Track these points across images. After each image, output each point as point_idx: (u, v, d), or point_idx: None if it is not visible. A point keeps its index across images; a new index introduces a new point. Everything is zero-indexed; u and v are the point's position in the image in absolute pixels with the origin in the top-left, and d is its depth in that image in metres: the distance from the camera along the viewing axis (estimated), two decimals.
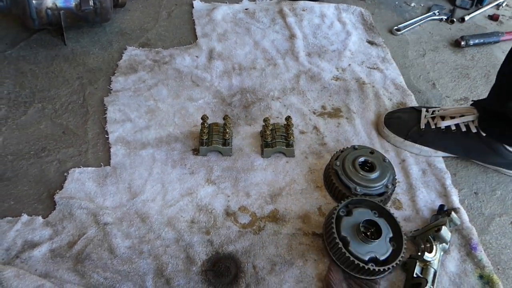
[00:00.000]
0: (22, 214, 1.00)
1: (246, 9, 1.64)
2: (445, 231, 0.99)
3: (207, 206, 1.06)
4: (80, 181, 1.07)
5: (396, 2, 1.82)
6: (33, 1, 1.26)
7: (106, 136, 1.18)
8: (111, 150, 1.15)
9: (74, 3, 1.32)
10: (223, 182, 1.11)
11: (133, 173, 1.10)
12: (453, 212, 1.03)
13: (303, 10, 1.66)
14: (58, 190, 1.05)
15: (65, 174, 1.09)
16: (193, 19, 1.58)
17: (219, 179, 1.11)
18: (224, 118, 1.18)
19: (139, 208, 1.03)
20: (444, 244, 1.00)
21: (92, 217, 1.01)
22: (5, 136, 1.16)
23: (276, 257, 0.99)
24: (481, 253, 1.04)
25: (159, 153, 1.15)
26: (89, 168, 1.11)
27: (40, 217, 1.00)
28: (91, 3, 1.33)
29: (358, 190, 1.05)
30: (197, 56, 1.43)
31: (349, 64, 1.48)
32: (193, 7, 1.63)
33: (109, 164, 1.12)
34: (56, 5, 1.30)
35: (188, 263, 0.96)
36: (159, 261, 0.95)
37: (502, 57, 1.62)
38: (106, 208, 1.03)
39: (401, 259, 0.94)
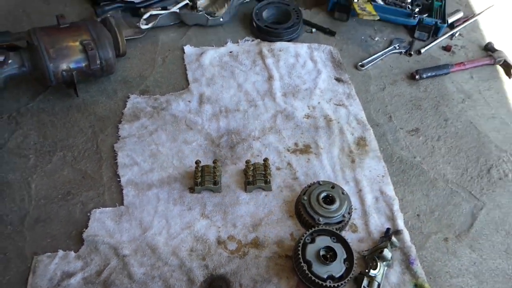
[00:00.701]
0: (58, 250, 1.28)
1: (230, 52, 1.89)
2: (387, 253, 1.28)
3: (203, 237, 1.34)
4: (101, 220, 1.35)
5: (362, 37, 2.07)
6: (50, 66, 1.50)
7: (118, 179, 1.45)
8: (123, 191, 1.42)
9: (84, 64, 1.57)
10: (215, 216, 1.39)
11: (143, 211, 1.38)
12: (393, 237, 1.33)
13: (280, 51, 1.91)
14: (84, 229, 1.33)
15: (88, 214, 1.37)
16: (185, 64, 1.83)
17: (212, 213, 1.39)
18: (214, 162, 1.45)
19: (149, 241, 1.32)
20: (387, 261, 1.30)
21: (113, 250, 1.29)
22: (36, 183, 1.43)
23: (257, 276, 1.28)
24: (417, 266, 1.34)
25: (162, 192, 1.43)
26: (107, 208, 1.38)
27: (72, 252, 1.28)
28: (98, 62, 1.58)
29: (321, 220, 1.34)
30: (189, 101, 1.69)
31: (319, 102, 1.75)
32: (184, 52, 1.88)
33: (122, 204, 1.40)
34: (69, 67, 1.54)
35: (190, 284, 1.25)
36: (168, 283, 1.24)
37: (451, 87, 1.90)
38: (123, 242, 1.31)
39: (351, 275, 1.24)
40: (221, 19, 1.98)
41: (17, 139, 1.53)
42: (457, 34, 2.15)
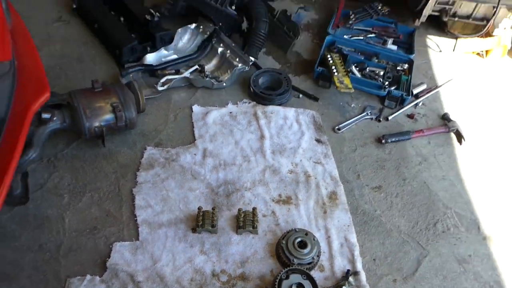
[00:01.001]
0: (87, 274, 1.62)
1: (230, 112, 2.28)
2: None
3: (201, 270, 1.69)
4: (120, 252, 1.69)
5: (341, 103, 2.48)
6: (86, 124, 1.88)
7: (135, 219, 1.80)
8: (139, 229, 1.77)
9: (112, 122, 1.94)
10: (211, 253, 1.74)
11: (154, 246, 1.73)
12: (350, 277, 1.69)
13: (272, 113, 2.30)
14: (107, 258, 1.67)
15: (110, 246, 1.71)
16: (192, 122, 2.21)
17: (209, 251, 1.75)
18: (212, 209, 1.81)
19: (158, 271, 1.66)
20: None
21: (130, 277, 1.63)
22: (69, 218, 1.78)
23: None
24: None
25: (170, 231, 1.78)
26: (126, 242, 1.73)
27: (97, 277, 1.62)
28: (123, 120, 1.96)
29: (295, 261, 1.70)
30: (195, 154, 2.07)
31: (301, 160, 2.13)
32: (192, 111, 2.26)
33: (138, 239, 1.74)
34: (101, 124, 1.92)
35: None
36: None
37: (411, 151, 2.29)
38: (138, 271, 1.65)
39: None
40: (224, 84, 2.38)
41: (54, 180, 1.88)
42: (420, 104, 2.56)
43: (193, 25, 2.58)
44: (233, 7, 2.60)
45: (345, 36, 2.84)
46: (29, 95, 1.37)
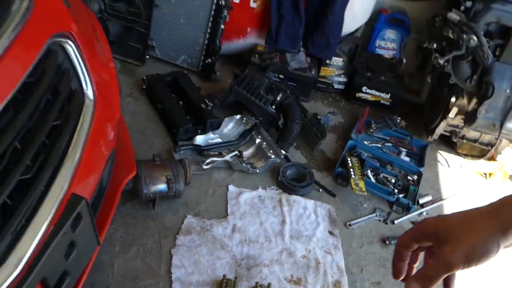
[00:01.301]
0: None
1: (259, 196, 2.69)
2: None
3: None
4: None
5: (354, 202, 2.86)
6: (145, 190, 2.31)
7: (170, 275, 2.16)
8: (172, 284, 2.12)
9: (165, 191, 2.37)
10: None
11: None
12: None
13: (294, 202, 2.70)
14: None
15: None
16: (227, 199, 2.62)
17: None
18: (235, 278, 2.16)
19: None
20: None
21: None
22: (118, 265, 2.15)
23: None
24: None
25: None
26: None
27: None
28: (173, 191, 2.39)
29: None
30: (226, 228, 2.45)
31: (314, 248, 2.47)
32: (228, 190, 2.68)
33: None
34: (155, 191, 2.35)
35: None
36: None
37: None
38: None
39: None
40: (258, 171, 2.82)
41: (110, 232, 2.28)
42: (424, 213, 2.92)
43: (238, 116, 3.09)
44: (273, 107, 3.11)
45: (365, 142, 3.29)
46: (121, 172, 1.82)
